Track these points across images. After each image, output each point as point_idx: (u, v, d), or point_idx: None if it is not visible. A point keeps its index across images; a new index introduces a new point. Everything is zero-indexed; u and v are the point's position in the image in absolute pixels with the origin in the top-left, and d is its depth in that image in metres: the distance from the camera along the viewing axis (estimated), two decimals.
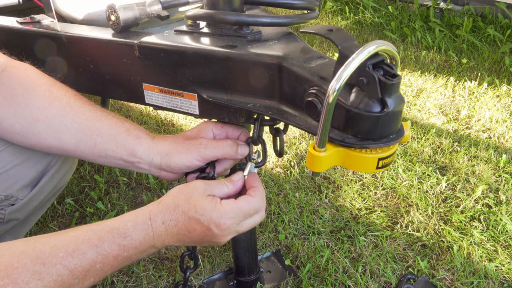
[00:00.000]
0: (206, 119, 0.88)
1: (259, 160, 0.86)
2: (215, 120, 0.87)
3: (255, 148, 0.87)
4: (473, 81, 2.47)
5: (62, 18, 1.09)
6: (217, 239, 0.73)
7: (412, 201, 1.61)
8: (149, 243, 0.70)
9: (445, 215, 1.54)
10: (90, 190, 1.67)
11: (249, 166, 0.83)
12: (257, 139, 0.85)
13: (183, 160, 0.81)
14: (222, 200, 0.72)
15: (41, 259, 0.61)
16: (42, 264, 0.61)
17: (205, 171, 0.85)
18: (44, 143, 0.83)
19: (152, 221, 0.70)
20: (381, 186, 1.69)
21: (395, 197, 1.64)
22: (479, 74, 2.56)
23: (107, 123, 0.83)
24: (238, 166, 0.93)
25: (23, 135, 0.82)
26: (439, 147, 1.92)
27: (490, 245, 1.41)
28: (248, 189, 0.77)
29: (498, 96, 2.35)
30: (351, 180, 1.72)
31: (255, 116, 0.86)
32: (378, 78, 0.60)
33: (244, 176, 0.80)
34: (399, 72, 0.64)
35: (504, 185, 1.67)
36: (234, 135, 0.86)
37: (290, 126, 0.78)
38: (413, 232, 1.47)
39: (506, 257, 1.37)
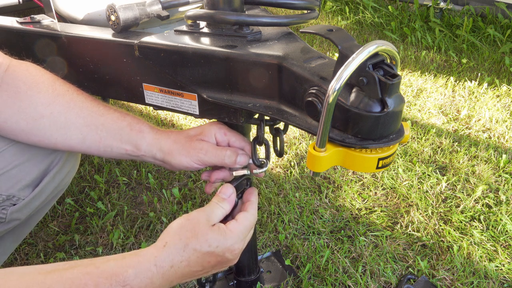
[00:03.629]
0: (210, 120, 0.89)
1: (262, 164, 0.86)
2: (219, 122, 0.87)
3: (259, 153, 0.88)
4: (473, 81, 2.46)
5: (62, 18, 1.09)
6: (229, 263, 0.73)
7: (412, 201, 1.61)
8: None
9: (445, 215, 1.54)
10: (90, 190, 1.67)
11: (244, 172, 0.83)
12: (262, 141, 0.85)
13: (182, 162, 0.82)
14: (227, 225, 0.72)
15: None
16: None
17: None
18: (50, 140, 0.83)
19: (158, 267, 0.65)
20: (381, 186, 1.69)
21: (395, 197, 1.64)
22: (479, 74, 2.56)
23: (110, 117, 0.84)
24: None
25: (29, 132, 0.82)
26: (439, 147, 1.92)
27: (490, 245, 1.41)
28: (245, 202, 0.79)
29: (498, 96, 2.35)
30: (351, 180, 1.72)
31: (256, 116, 0.86)
32: (378, 78, 0.60)
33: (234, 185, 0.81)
34: (399, 72, 0.64)
35: (504, 185, 1.67)
36: (236, 145, 0.86)
37: (290, 126, 0.78)
38: (413, 232, 1.47)
39: (506, 257, 1.37)
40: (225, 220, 0.75)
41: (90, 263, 0.64)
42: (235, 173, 0.84)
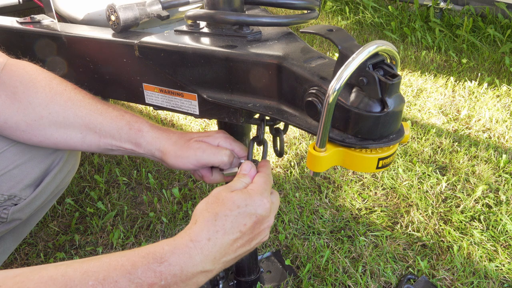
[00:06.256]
0: (221, 131, 0.89)
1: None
2: (226, 132, 0.88)
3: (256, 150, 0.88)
4: (473, 81, 2.46)
5: (62, 18, 1.09)
6: (266, 221, 0.71)
7: (412, 201, 1.61)
8: (196, 269, 0.63)
9: (445, 215, 1.54)
10: (90, 190, 1.67)
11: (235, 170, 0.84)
12: (262, 141, 0.86)
13: (178, 163, 0.82)
14: (246, 187, 0.73)
15: (69, 287, 0.56)
16: None
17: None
18: (50, 139, 0.83)
19: (195, 242, 0.63)
20: (381, 186, 1.69)
21: (395, 197, 1.64)
22: (479, 74, 2.56)
23: (108, 116, 0.83)
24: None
25: (29, 132, 0.82)
26: (439, 147, 1.92)
27: (490, 245, 1.41)
28: (259, 168, 0.79)
29: (498, 96, 2.35)
30: (351, 180, 1.72)
31: (256, 116, 0.86)
32: (378, 78, 0.60)
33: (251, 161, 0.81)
34: (399, 72, 0.64)
35: (504, 185, 1.67)
36: (238, 154, 0.86)
37: (290, 126, 0.78)
38: (413, 232, 1.47)
39: (506, 257, 1.37)
40: None
41: (130, 250, 0.63)
42: (225, 172, 0.85)
